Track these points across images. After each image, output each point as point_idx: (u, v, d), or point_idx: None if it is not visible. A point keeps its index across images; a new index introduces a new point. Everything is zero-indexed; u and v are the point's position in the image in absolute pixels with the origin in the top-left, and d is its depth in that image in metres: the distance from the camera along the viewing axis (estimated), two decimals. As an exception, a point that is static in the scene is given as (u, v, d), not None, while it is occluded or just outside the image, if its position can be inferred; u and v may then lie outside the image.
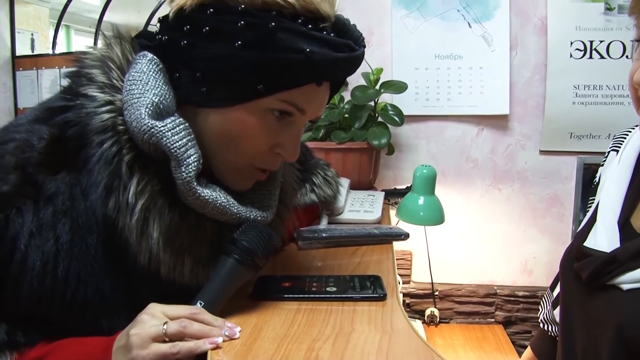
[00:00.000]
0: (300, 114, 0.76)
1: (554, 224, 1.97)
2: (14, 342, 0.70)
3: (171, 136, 0.69)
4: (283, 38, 0.68)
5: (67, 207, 0.70)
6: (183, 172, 0.70)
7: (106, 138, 0.70)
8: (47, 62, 2.74)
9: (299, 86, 0.72)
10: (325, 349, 0.62)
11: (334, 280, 0.83)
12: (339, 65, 0.74)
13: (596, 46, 1.82)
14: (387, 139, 1.70)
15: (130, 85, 0.71)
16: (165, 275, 0.73)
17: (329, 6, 0.72)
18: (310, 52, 0.68)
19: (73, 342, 0.70)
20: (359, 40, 0.76)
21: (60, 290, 0.69)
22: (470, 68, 1.91)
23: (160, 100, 0.71)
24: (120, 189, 0.70)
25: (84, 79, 0.74)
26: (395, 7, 1.92)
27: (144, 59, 0.73)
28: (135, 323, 0.64)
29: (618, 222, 0.87)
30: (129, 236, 0.70)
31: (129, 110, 0.70)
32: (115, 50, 0.77)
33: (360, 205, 1.36)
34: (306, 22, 0.69)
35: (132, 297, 0.71)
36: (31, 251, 0.68)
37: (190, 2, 0.69)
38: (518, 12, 1.89)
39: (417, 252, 2.04)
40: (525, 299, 1.98)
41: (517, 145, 1.96)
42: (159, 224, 0.71)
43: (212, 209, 0.74)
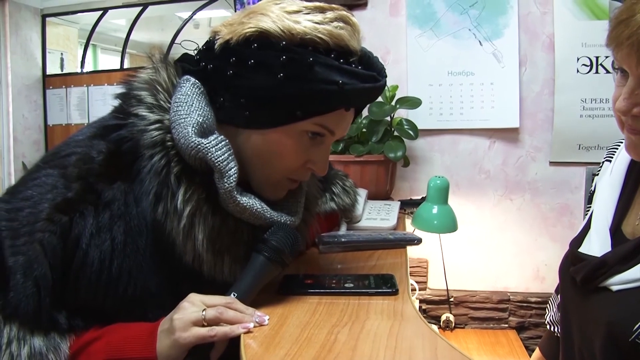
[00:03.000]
0: (330, 135, 0.88)
1: (565, 232, 2.03)
2: (73, 326, 0.79)
3: (215, 151, 0.80)
4: (319, 71, 0.79)
5: (122, 212, 0.81)
6: (225, 182, 0.81)
7: (156, 152, 0.81)
8: (75, 80, 2.86)
9: (330, 112, 0.84)
10: (343, 333, 0.71)
11: (351, 278, 0.93)
12: (366, 94, 0.87)
13: (602, 61, 1.89)
14: (402, 152, 1.79)
15: (177, 106, 0.82)
16: (207, 273, 0.84)
17: (357, 42, 0.84)
18: (342, 83, 0.80)
19: (122, 327, 0.80)
20: (382, 72, 0.88)
21: (114, 285, 0.79)
22: (481, 84, 1.99)
23: (204, 120, 0.82)
24: (168, 197, 0.80)
25: (133, 100, 0.86)
26: (410, 27, 2.01)
27: (188, 83, 0.85)
28: (178, 309, 0.74)
29: (610, 229, 0.93)
30: (175, 238, 0.81)
31: (177, 129, 0.81)
32: (162, 74, 0.88)
33: (377, 214, 1.44)
34: (338, 56, 0.81)
35: (176, 292, 0.80)
36: (91, 250, 0.78)
37: (237, 37, 0.81)
38: (527, 30, 1.97)
39: (432, 260, 2.10)
40: (538, 304, 2.03)
41: (528, 157, 2.03)
42: (204, 227, 0.82)
43: (249, 215, 0.85)
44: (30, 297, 0.73)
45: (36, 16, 2.85)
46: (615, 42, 0.79)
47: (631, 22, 0.75)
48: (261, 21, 0.80)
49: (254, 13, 0.83)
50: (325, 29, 0.80)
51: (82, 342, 0.78)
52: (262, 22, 0.80)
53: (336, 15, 0.82)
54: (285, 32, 0.79)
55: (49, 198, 0.78)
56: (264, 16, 0.81)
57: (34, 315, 0.74)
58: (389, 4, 2.05)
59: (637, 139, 0.83)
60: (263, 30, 0.80)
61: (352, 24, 0.84)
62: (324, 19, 0.81)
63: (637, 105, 0.80)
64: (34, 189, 0.79)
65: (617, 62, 0.82)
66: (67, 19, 3.08)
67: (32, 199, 0.78)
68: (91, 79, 2.85)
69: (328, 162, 0.93)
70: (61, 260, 0.76)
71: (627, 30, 0.76)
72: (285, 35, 0.79)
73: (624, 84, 0.81)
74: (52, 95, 2.88)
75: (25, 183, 0.81)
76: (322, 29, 0.80)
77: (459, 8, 1.97)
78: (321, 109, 0.83)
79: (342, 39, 0.81)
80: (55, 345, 0.75)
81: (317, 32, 0.79)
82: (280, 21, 0.79)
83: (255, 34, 0.80)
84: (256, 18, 0.81)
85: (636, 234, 0.90)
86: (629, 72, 0.80)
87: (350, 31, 0.83)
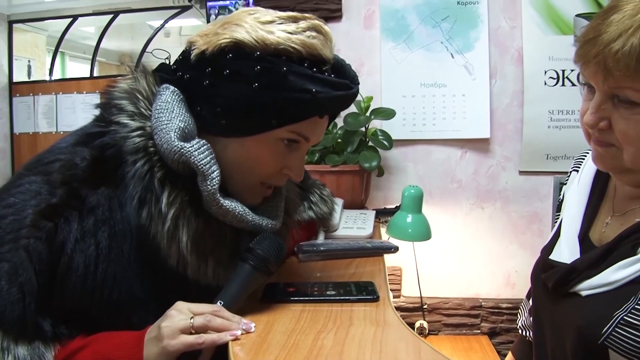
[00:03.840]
0: (305, 141, 0.90)
1: (534, 240, 2.08)
2: (57, 334, 0.79)
3: (197, 155, 0.82)
4: (293, 80, 0.81)
5: (106, 217, 0.82)
6: (208, 185, 0.83)
7: (139, 158, 0.83)
8: (43, 88, 2.79)
9: (305, 119, 0.86)
10: (329, 339, 0.73)
11: (333, 285, 0.95)
12: (339, 102, 0.89)
13: (568, 74, 1.96)
14: (377, 162, 1.82)
15: (159, 113, 0.84)
16: (192, 276, 0.85)
17: (329, 51, 0.87)
18: (315, 91, 0.82)
19: (108, 335, 0.80)
20: (354, 80, 0.90)
21: (98, 290, 0.80)
22: (453, 95, 2.04)
23: (185, 125, 0.84)
24: (152, 201, 0.82)
25: (114, 109, 0.87)
26: (384, 40, 2.05)
27: (167, 91, 0.86)
28: (165, 317, 0.75)
29: (578, 236, 0.97)
30: (160, 241, 0.82)
31: (159, 135, 0.83)
32: (142, 82, 0.90)
33: (353, 223, 1.47)
34: (311, 65, 0.83)
35: (161, 297, 0.82)
36: (76, 255, 0.79)
37: (212, 48, 0.83)
38: (497, 44, 2.03)
39: (406, 268, 2.13)
40: (509, 310, 2.08)
41: (498, 167, 2.08)
42: (187, 229, 0.83)
43: (231, 217, 0.87)
44: (15, 304, 0.73)
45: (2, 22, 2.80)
46: (583, 59, 0.83)
47: (598, 42, 0.79)
48: (235, 32, 0.82)
49: (228, 24, 0.85)
50: (298, 38, 0.82)
51: (68, 351, 0.78)
52: (236, 33, 0.82)
53: (309, 25, 0.85)
54: (259, 42, 0.81)
55: (33, 204, 0.78)
56: (238, 27, 0.83)
57: (19, 323, 0.74)
58: (363, 16, 2.09)
59: (604, 151, 0.88)
60: (237, 41, 0.82)
61: (325, 33, 0.86)
62: (297, 28, 0.84)
63: (603, 120, 0.84)
64: (17, 196, 0.79)
65: (585, 78, 0.86)
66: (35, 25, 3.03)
67: (16, 205, 0.78)
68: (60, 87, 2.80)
69: (304, 168, 0.95)
70: (47, 266, 0.77)
71: (594, 49, 0.80)
72: (259, 45, 0.81)
73: (591, 98, 0.86)
74: (18, 103, 2.81)
75: (7, 191, 0.81)
76: (295, 38, 0.82)
77: (432, 21, 2.02)
78: (296, 117, 0.86)
79: (315, 48, 0.84)
80: (40, 354, 0.75)
81: (290, 42, 0.82)
82: (254, 31, 0.82)
83: (230, 44, 0.82)
84: (231, 29, 0.83)
85: (603, 241, 0.94)
86: (595, 88, 0.84)
87: (323, 40, 0.85)
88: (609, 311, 0.83)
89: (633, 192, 0.93)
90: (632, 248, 0.85)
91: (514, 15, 2.00)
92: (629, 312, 0.80)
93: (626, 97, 0.80)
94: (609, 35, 0.78)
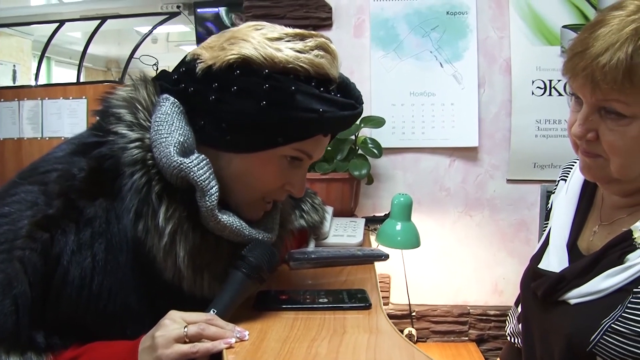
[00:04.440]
0: (308, 158, 0.91)
1: (522, 247, 2.10)
2: (51, 344, 0.79)
3: (197, 170, 0.82)
4: (300, 100, 0.82)
5: (103, 229, 0.81)
6: (207, 201, 0.83)
7: (136, 170, 0.82)
8: (28, 93, 2.78)
9: (310, 137, 0.87)
10: (323, 346, 0.74)
11: (325, 293, 0.95)
12: (344, 121, 0.90)
13: (555, 84, 1.99)
14: (367, 170, 1.83)
15: (158, 125, 0.84)
16: (187, 289, 0.85)
17: (336, 70, 0.88)
18: (322, 111, 0.83)
19: (102, 345, 0.80)
20: (359, 99, 0.92)
21: (94, 302, 0.80)
22: (442, 104, 2.06)
23: (185, 139, 0.84)
24: (149, 214, 0.82)
25: (112, 118, 0.86)
26: (374, 49, 2.07)
27: (167, 102, 0.86)
28: (159, 327, 0.75)
29: (567, 245, 0.99)
30: (156, 255, 0.82)
31: (158, 148, 0.82)
32: (142, 92, 0.89)
33: (343, 230, 1.47)
34: (318, 84, 0.84)
35: (155, 309, 0.81)
36: (72, 267, 0.78)
37: (220, 63, 0.82)
38: (485, 54, 2.05)
39: (394, 275, 2.13)
40: (497, 317, 2.09)
41: (487, 175, 2.10)
42: (185, 244, 0.83)
43: (229, 232, 0.87)
44: (9, 316, 0.73)
45: (-14, 26, 2.79)
46: (571, 72, 0.85)
47: (586, 55, 0.81)
48: (244, 48, 0.82)
49: (235, 39, 0.84)
50: (306, 57, 0.83)
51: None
52: (244, 49, 0.82)
53: (316, 44, 0.85)
54: (268, 60, 0.82)
55: (29, 215, 0.78)
56: (245, 42, 0.83)
57: (11, 334, 0.73)
58: (353, 25, 2.10)
59: (591, 161, 0.89)
60: (246, 57, 0.82)
61: (331, 51, 0.87)
62: (305, 46, 0.84)
63: (591, 131, 0.86)
64: (12, 206, 0.79)
65: (573, 90, 0.88)
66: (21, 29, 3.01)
67: (11, 215, 0.78)
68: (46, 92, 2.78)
69: (305, 184, 0.96)
70: (41, 278, 0.76)
71: (582, 63, 0.82)
72: (268, 63, 0.82)
73: (579, 109, 0.88)
74: (3, 108, 2.79)
75: (2, 200, 0.81)
76: (304, 58, 0.83)
77: (421, 31, 2.03)
78: (301, 136, 0.86)
79: (323, 67, 0.84)
80: None
81: (299, 61, 0.82)
82: (262, 48, 0.82)
83: (238, 60, 0.82)
84: (238, 45, 0.83)
85: (591, 250, 0.95)
86: (583, 100, 0.86)
87: (330, 59, 0.86)
88: (597, 319, 0.84)
89: (620, 201, 0.95)
90: (619, 257, 0.87)
91: (502, 26, 2.03)
92: (617, 320, 0.82)
93: (613, 109, 0.82)
94: (597, 49, 0.80)
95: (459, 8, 2.02)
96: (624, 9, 0.82)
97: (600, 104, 0.83)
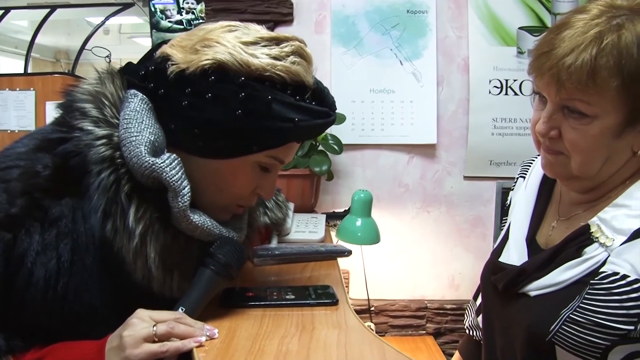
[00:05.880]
0: (280, 164, 0.90)
1: (478, 243, 2.15)
2: (12, 347, 0.76)
3: (169, 171, 0.79)
4: (276, 109, 0.80)
5: (70, 229, 0.78)
6: (179, 202, 0.81)
7: (104, 168, 0.79)
8: (-31, 84, 2.67)
9: (284, 145, 0.86)
10: (294, 343, 0.73)
11: (291, 289, 0.95)
12: (318, 129, 0.90)
13: (511, 84, 2.04)
14: (327, 166, 1.83)
15: (127, 123, 0.80)
16: (157, 289, 0.83)
17: (311, 77, 0.87)
18: (297, 120, 0.82)
19: (66, 346, 0.77)
20: (333, 106, 0.91)
21: (59, 304, 0.77)
22: (401, 101, 2.08)
23: (155, 138, 0.81)
24: (117, 214, 0.79)
25: (77, 113, 0.82)
26: (335, 45, 2.07)
27: (136, 99, 0.82)
28: (127, 326, 0.72)
29: (526, 239, 1.02)
30: (125, 256, 0.79)
31: (128, 147, 0.79)
32: (108, 86, 0.85)
33: (305, 227, 1.47)
34: (294, 92, 0.83)
35: (123, 311, 0.78)
36: (36, 268, 0.75)
37: (193, 68, 0.79)
38: (444, 53, 2.08)
39: (353, 271, 2.14)
40: (453, 311, 2.14)
41: (444, 172, 2.14)
42: (155, 245, 0.81)
43: (200, 232, 0.85)
44: None
45: None
46: (538, 71, 0.88)
47: (552, 55, 0.84)
48: (219, 53, 0.79)
49: (208, 40, 0.81)
50: (283, 65, 0.81)
51: None
52: (219, 55, 0.79)
53: (292, 49, 0.84)
54: (244, 66, 0.79)
55: None
56: (220, 46, 0.80)
57: None
58: (314, 21, 2.10)
59: (553, 158, 0.92)
60: (221, 63, 0.79)
61: (307, 57, 0.86)
62: (281, 52, 0.82)
63: (554, 129, 0.89)
64: None
65: (538, 88, 0.91)
66: (-38, 17, 2.88)
67: None
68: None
69: (275, 188, 0.95)
70: (3, 280, 0.73)
71: (549, 62, 0.84)
72: (244, 70, 0.79)
73: (542, 108, 0.90)
74: (-58, 99, 2.66)
75: None
76: (280, 65, 0.81)
77: (382, 29, 2.05)
78: (275, 144, 0.85)
79: (299, 75, 0.83)
80: None
81: (275, 69, 0.80)
82: (238, 54, 0.79)
83: (213, 66, 0.79)
84: (213, 49, 0.80)
85: (549, 244, 0.99)
86: (547, 98, 0.89)
87: (306, 66, 0.85)
88: (556, 310, 0.87)
89: (578, 197, 0.98)
90: (577, 250, 0.90)
91: (461, 26, 2.06)
92: (575, 310, 0.85)
93: (576, 109, 0.85)
94: (563, 49, 0.83)
95: (419, 7, 2.05)
96: (588, 13, 0.85)
97: (564, 103, 0.86)
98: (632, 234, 0.84)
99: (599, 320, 0.82)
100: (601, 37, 0.81)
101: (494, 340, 1.05)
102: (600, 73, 0.80)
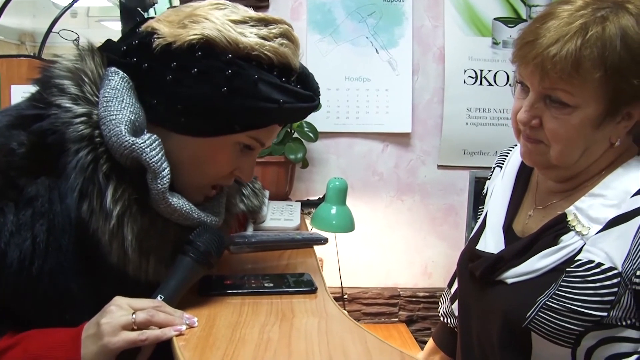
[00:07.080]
0: (261, 146, 0.89)
1: (451, 231, 2.17)
2: None
3: (150, 152, 0.78)
4: (262, 89, 0.79)
5: (46, 209, 0.75)
6: (159, 183, 0.79)
7: (82, 147, 0.76)
8: None
9: (267, 127, 0.85)
10: (274, 331, 0.73)
11: (269, 277, 0.94)
12: (302, 112, 0.90)
13: (485, 74, 2.06)
14: (303, 154, 1.83)
15: (107, 102, 0.78)
16: (133, 273, 0.81)
17: (297, 60, 0.86)
18: (282, 102, 0.81)
19: (41, 332, 0.75)
20: (317, 91, 0.90)
21: (33, 286, 0.74)
22: (377, 90, 2.07)
23: (136, 117, 0.79)
24: (94, 194, 0.76)
25: (55, 89, 0.79)
26: (310, 32, 2.05)
27: (117, 76, 0.80)
28: (105, 313, 0.71)
29: (503, 228, 1.03)
30: (101, 237, 0.77)
31: (108, 126, 0.77)
32: (88, 63, 0.82)
33: (280, 214, 1.46)
34: (280, 74, 0.82)
35: (98, 294, 0.77)
36: (10, 250, 0.73)
37: (180, 42, 0.78)
38: (420, 42, 2.08)
39: (327, 259, 2.14)
40: (426, 299, 2.16)
41: (418, 161, 2.15)
42: (133, 227, 0.79)
43: (178, 215, 0.84)
44: None
45: None
46: (522, 60, 0.88)
47: (537, 45, 0.85)
48: (206, 28, 0.78)
49: (196, 16, 0.80)
50: (271, 46, 0.80)
51: None
52: (207, 30, 0.78)
53: (281, 31, 0.83)
54: (232, 44, 0.78)
55: None
56: (208, 22, 0.79)
57: None
58: (290, 7, 2.07)
59: (533, 147, 0.93)
60: (209, 39, 0.78)
61: (294, 40, 0.86)
62: (269, 33, 0.81)
63: (535, 118, 0.90)
64: None
65: (521, 77, 0.91)
66: None
67: None
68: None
69: (254, 170, 0.94)
70: None
71: (533, 52, 0.85)
72: (232, 47, 0.78)
73: (524, 97, 0.91)
74: None
75: None
76: (269, 46, 0.80)
77: (358, 16, 2.04)
78: (259, 124, 0.84)
79: (286, 57, 0.82)
80: None
81: (263, 48, 0.80)
82: (226, 31, 0.78)
83: (200, 41, 0.78)
84: (200, 24, 0.79)
85: (525, 232, 1.00)
86: (530, 88, 0.89)
87: (293, 49, 0.85)
88: (533, 297, 0.89)
89: (555, 186, 0.99)
90: (553, 238, 0.91)
91: (437, 15, 2.06)
92: (551, 297, 0.86)
93: (558, 98, 0.86)
94: (548, 39, 0.84)
95: (396, -5, 2.04)
96: (573, 4, 0.86)
97: (547, 92, 0.87)
98: (607, 223, 0.86)
99: (574, 307, 0.84)
100: (586, 28, 0.82)
101: (470, 326, 1.06)
102: (583, 64, 0.81)
